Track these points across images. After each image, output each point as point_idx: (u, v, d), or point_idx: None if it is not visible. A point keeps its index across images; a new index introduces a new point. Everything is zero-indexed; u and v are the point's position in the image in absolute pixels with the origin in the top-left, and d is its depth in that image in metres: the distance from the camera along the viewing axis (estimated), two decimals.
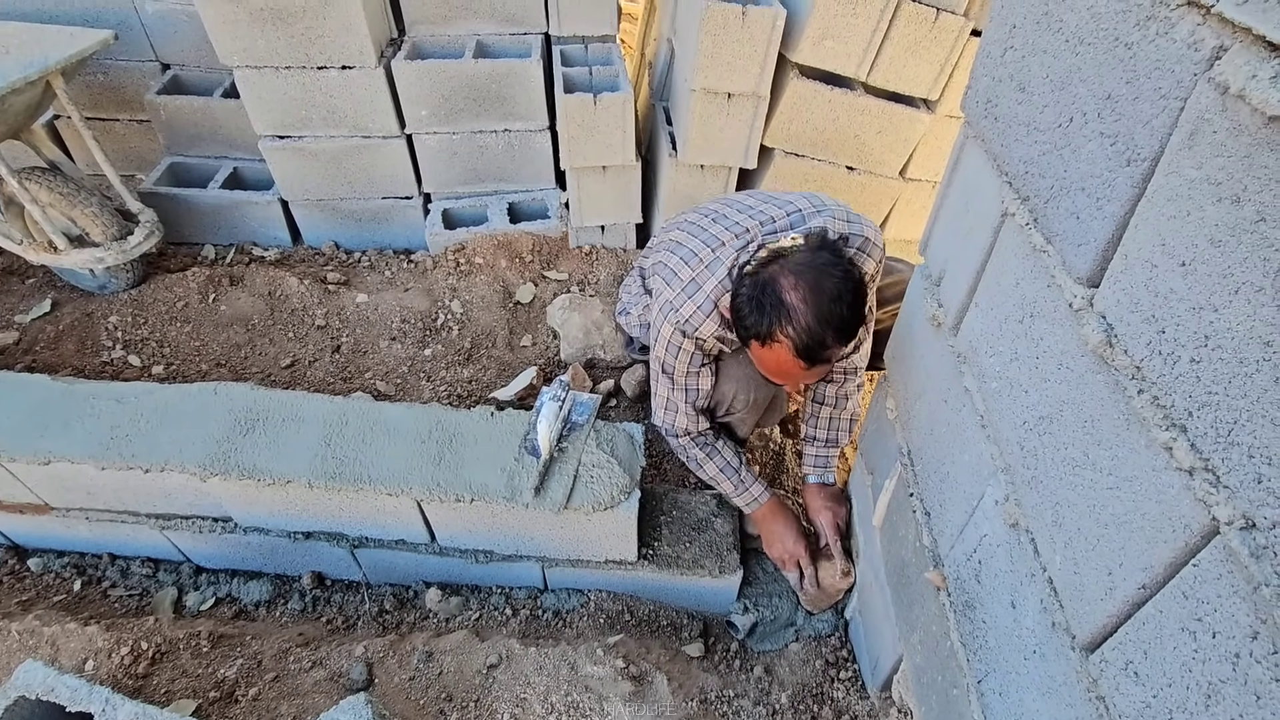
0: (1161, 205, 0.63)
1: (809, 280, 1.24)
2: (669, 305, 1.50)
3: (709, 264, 1.48)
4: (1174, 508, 0.60)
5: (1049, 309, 0.82)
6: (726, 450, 1.70)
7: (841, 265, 1.27)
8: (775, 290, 1.25)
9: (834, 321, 1.23)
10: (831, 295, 1.23)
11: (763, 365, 1.38)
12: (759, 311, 1.26)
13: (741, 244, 1.48)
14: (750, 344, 1.34)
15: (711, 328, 1.48)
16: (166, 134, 2.66)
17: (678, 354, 1.54)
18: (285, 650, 1.65)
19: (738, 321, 1.34)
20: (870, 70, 2.07)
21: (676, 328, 1.50)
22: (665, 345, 1.54)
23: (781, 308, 1.24)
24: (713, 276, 1.46)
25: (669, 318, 1.51)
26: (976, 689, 0.97)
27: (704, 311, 1.47)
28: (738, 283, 1.35)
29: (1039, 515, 0.82)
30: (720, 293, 1.45)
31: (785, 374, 1.36)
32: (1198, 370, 0.58)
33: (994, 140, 0.98)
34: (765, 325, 1.26)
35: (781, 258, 1.29)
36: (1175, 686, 0.59)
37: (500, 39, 2.44)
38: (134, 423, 1.67)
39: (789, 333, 1.24)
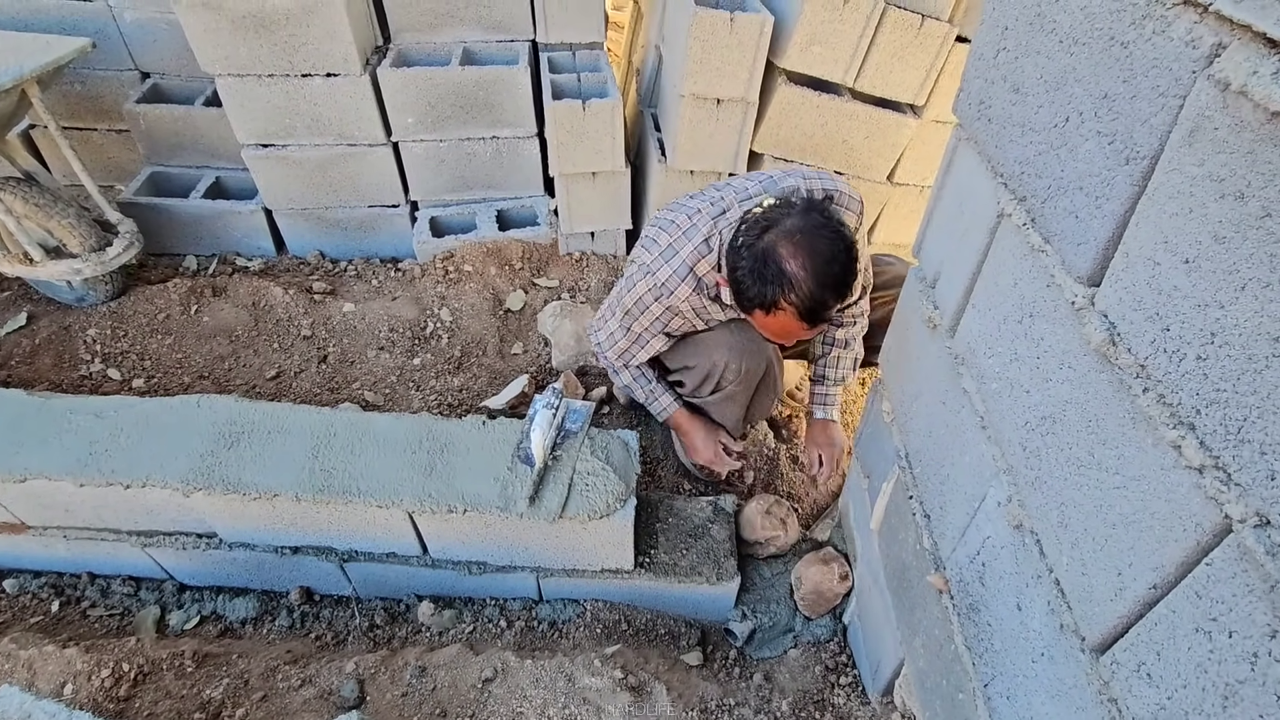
0: (1163, 203, 0.63)
1: (805, 247, 1.28)
2: (646, 268, 1.56)
3: (686, 230, 1.54)
4: (1184, 506, 0.59)
5: (1049, 309, 0.82)
6: (645, 365, 1.81)
7: (831, 226, 1.32)
8: (775, 260, 1.29)
9: (832, 283, 1.29)
10: (827, 258, 1.28)
11: (766, 330, 1.43)
12: (761, 282, 1.31)
13: (718, 211, 1.53)
14: (754, 312, 1.38)
15: (686, 292, 1.54)
16: (146, 143, 2.61)
17: (642, 314, 1.61)
18: (273, 668, 1.61)
19: (740, 293, 1.38)
20: (857, 76, 2.08)
21: (650, 290, 1.56)
22: (635, 301, 1.60)
23: (783, 277, 1.29)
24: (689, 242, 1.52)
25: (645, 279, 1.57)
26: (983, 692, 0.96)
27: (679, 276, 1.52)
28: (734, 255, 1.38)
29: (1044, 516, 0.82)
30: (696, 258, 1.51)
31: (788, 335, 1.41)
32: (1205, 368, 0.58)
33: (988, 142, 0.98)
34: (770, 295, 1.31)
35: (774, 226, 1.32)
36: (1190, 688, 0.59)
37: (487, 46, 2.43)
38: (114, 438, 1.63)
39: (792, 300, 1.29)
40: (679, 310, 1.58)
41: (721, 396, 1.72)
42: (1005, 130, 0.93)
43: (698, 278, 1.53)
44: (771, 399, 1.83)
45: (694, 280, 1.53)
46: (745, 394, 1.75)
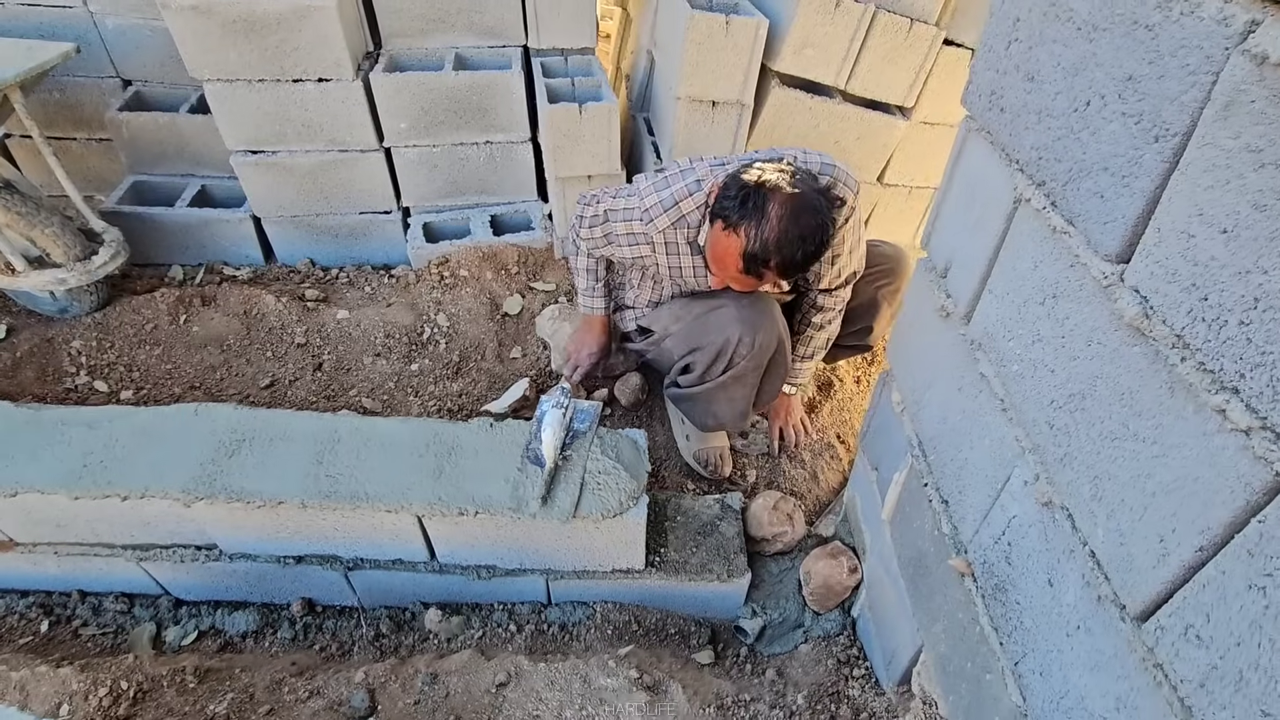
0: (1197, 176, 0.65)
1: (795, 211, 1.35)
2: (638, 192, 1.66)
3: (683, 170, 1.65)
4: (1231, 468, 0.61)
5: (1074, 288, 0.84)
6: (601, 268, 1.92)
7: (825, 214, 1.39)
8: (764, 199, 1.36)
9: (790, 252, 1.37)
10: (803, 232, 1.36)
11: (711, 249, 1.49)
12: (741, 204, 1.38)
13: (718, 164, 1.61)
14: (715, 223, 1.44)
15: (665, 223, 1.61)
16: (129, 152, 2.56)
17: (623, 223, 1.69)
18: (279, 681, 1.57)
19: (719, 200, 1.44)
20: (849, 79, 2.12)
21: (635, 209, 1.65)
22: (620, 212, 1.69)
23: (760, 214, 1.36)
24: (683, 180, 1.62)
25: (635, 199, 1.66)
26: (1013, 671, 0.97)
27: (663, 206, 1.61)
28: (735, 175, 1.44)
29: (1075, 491, 0.84)
30: (684, 194, 1.59)
31: (719, 264, 1.48)
32: (1248, 332, 0.60)
33: (1001, 131, 1.01)
34: (738, 215, 1.38)
35: (786, 177, 1.39)
36: (1245, 645, 0.60)
37: (479, 52, 2.43)
38: (108, 449, 1.59)
39: (752, 234, 1.37)
40: (651, 239, 1.66)
41: (732, 376, 1.72)
42: (1020, 118, 0.95)
43: (681, 213, 1.61)
44: (781, 379, 1.84)
45: (677, 213, 1.61)
46: (756, 374, 1.76)
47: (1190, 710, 0.67)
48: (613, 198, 1.75)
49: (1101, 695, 0.79)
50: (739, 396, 1.79)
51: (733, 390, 1.77)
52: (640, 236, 1.68)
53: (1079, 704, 0.83)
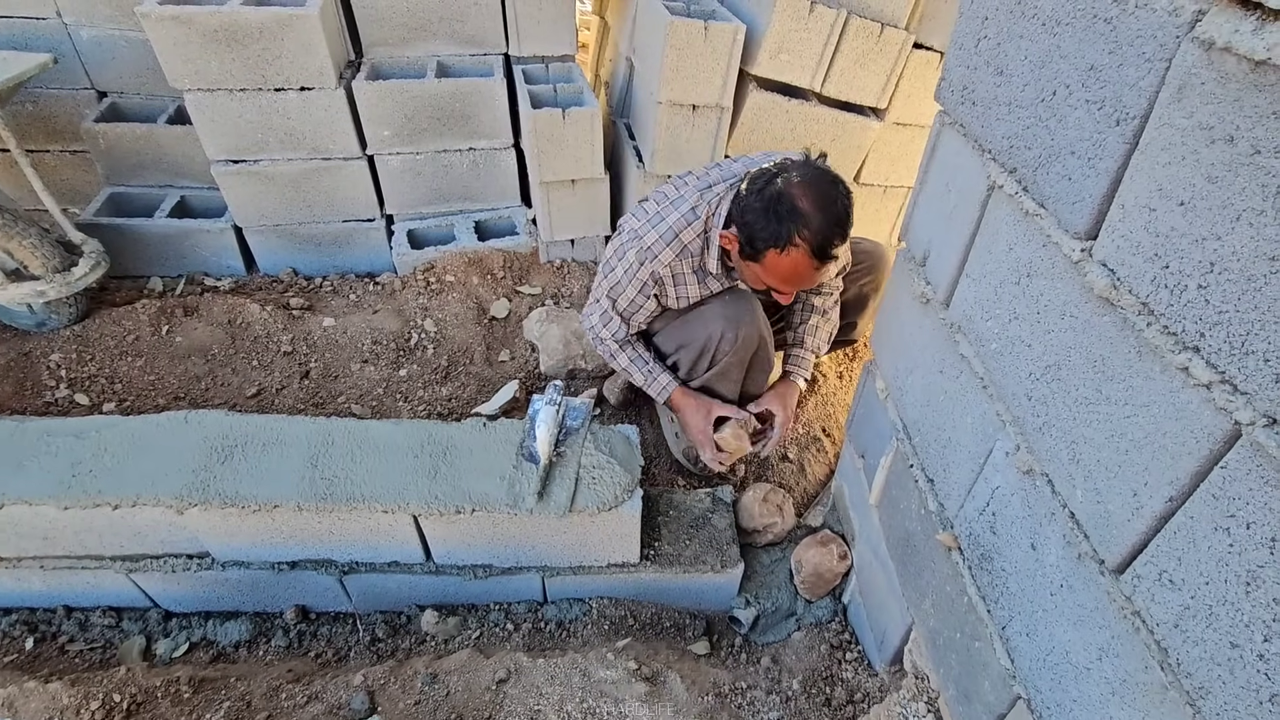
0: (1155, 155, 0.70)
1: (813, 188, 1.40)
2: (634, 234, 1.65)
3: (673, 200, 1.64)
4: (1195, 421, 0.66)
5: (1046, 267, 0.89)
6: (639, 345, 1.84)
7: (831, 174, 1.44)
8: (789, 200, 1.40)
9: (838, 220, 1.41)
10: (832, 198, 1.40)
11: (775, 272, 1.49)
12: (776, 220, 1.41)
13: (704, 185, 1.63)
14: (765, 255, 1.46)
15: (670, 256, 1.62)
16: (106, 163, 2.54)
17: (631, 279, 1.67)
18: (276, 688, 1.56)
19: (751, 237, 1.46)
20: (824, 81, 2.19)
21: (638, 255, 1.64)
22: (625, 269, 1.67)
23: (797, 214, 1.39)
24: (676, 210, 1.61)
25: (632, 244, 1.65)
26: (1001, 636, 1.02)
27: (664, 241, 1.61)
28: (743, 204, 1.47)
29: (1054, 457, 0.88)
30: (682, 225, 1.60)
31: (797, 277, 1.49)
32: (1206, 295, 0.65)
33: (974, 123, 1.07)
34: (785, 232, 1.40)
35: (779, 176, 1.43)
36: (1213, 583, 0.65)
37: (460, 60, 2.46)
38: (97, 458, 1.57)
39: (805, 235, 1.40)
40: (660, 276, 1.66)
41: (717, 373, 1.76)
42: (991, 110, 1.01)
43: (683, 244, 1.63)
44: (765, 374, 1.88)
45: (679, 245, 1.62)
46: (739, 369, 1.80)
47: (1166, 651, 0.71)
48: (605, 280, 1.73)
49: (1084, 647, 0.83)
50: (725, 391, 1.83)
51: (718, 385, 1.81)
52: (650, 280, 1.67)
53: (1064, 659, 0.87)
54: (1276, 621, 0.59)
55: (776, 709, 1.56)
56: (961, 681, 1.15)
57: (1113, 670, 0.79)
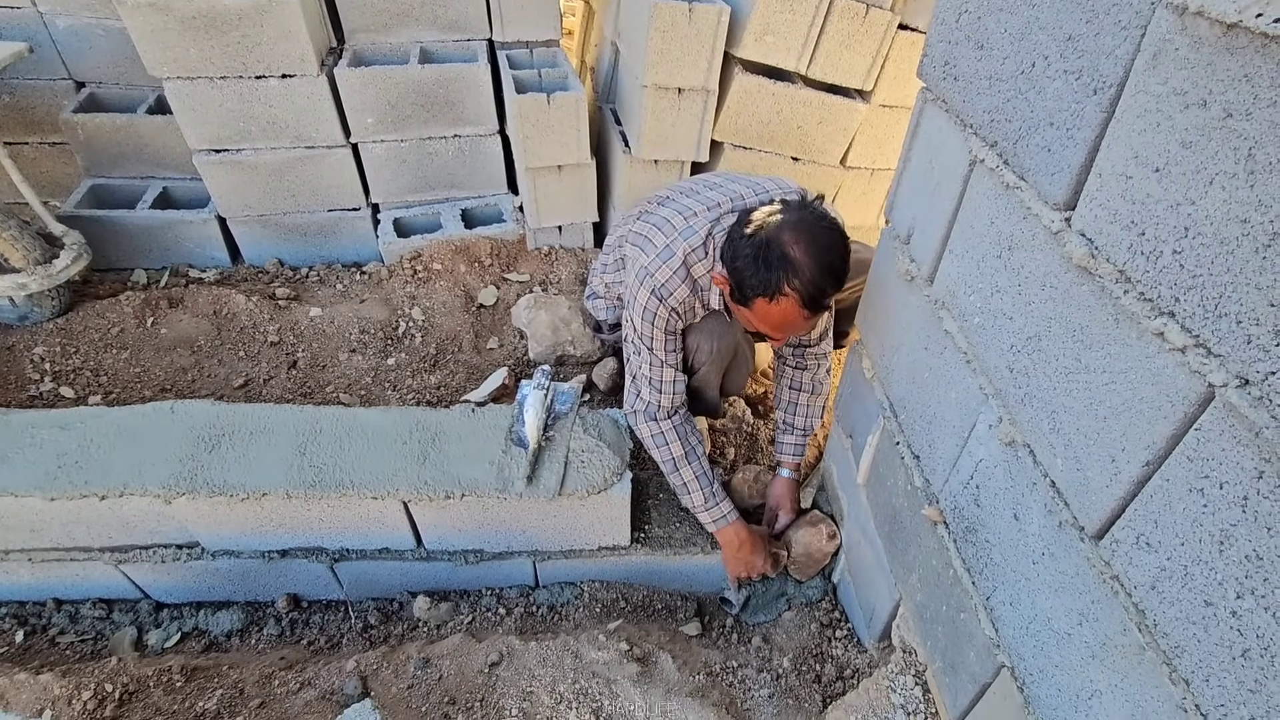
0: (1131, 122, 0.71)
1: (806, 235, 1.33)
2: (645, 271, 1.54)
3: (682, 231, 1.54)
4: (1170, 385, 0.67)
5: (1027, 239, 0.90)
6: (702, 454, 1.67)
7: (827, 219, 1.37)
8: (779, 247, 1.33)
9: (831, 270, 1.33)
10: (827, 246, 1.33)
11: (765, 320, 1.43)
12: (766, 269, 1.33)
13: (714, 216, 1.55)
14: (754, 302, 1.39)
15: (684, 293, 1.54)
16: (85, 154, 2.51)
17: (654, 320, 1.56)
18: (269, 675, 1.57)
19: (741, 283, 1.40)
20: (809, 64, 2.18)
21: (653, 294, 1.53)
22: (642, 313, 1.56)
23: (787, 262, 1.32)
24: (684, 241, 1.53)
25: (645, 283, 1.54)
26: (985, 606, 1.03)
27: (679, 277, 1.52)
28: (734, 247, 1.41)
29: (1035, 427, 0.89)
30: (694, 260, 1.52)
31: (787, 325, 1.42)
32: (1180, 260, 0.66)
33: (955, 98, 1.07)
34: (774, 281, 1.33)
35: (772, 220, 1.37)
36: (1188, 544, 0.66)
37: (444, 45, 2.44)
38: (83, 449, 1.56)
39: (796, 285, 1.32)
40: (679, 311, 1.57)
41: (697, 379, 1.76)
42: (973, 84, 1.01)
43: (694, 280, 1.55)
44: (744, 375, 1.89)
45: (691, 282, 1.55)
46: (717, 375, 1.79)
47: (1143, 612, 0.72)
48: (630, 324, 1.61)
49: (1066, 613, 0.85)
50: (706, 396, 1.84)
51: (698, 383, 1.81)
52: (670, 319, 1.56)
53: (1046, 625, 0.89)
54: (1249, 579, 0.60)
55: (768, 686, 1.57)
56: (948, 653, 1.16)
57: (1092, 634, 0.80)
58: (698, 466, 1.65)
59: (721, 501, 1.67)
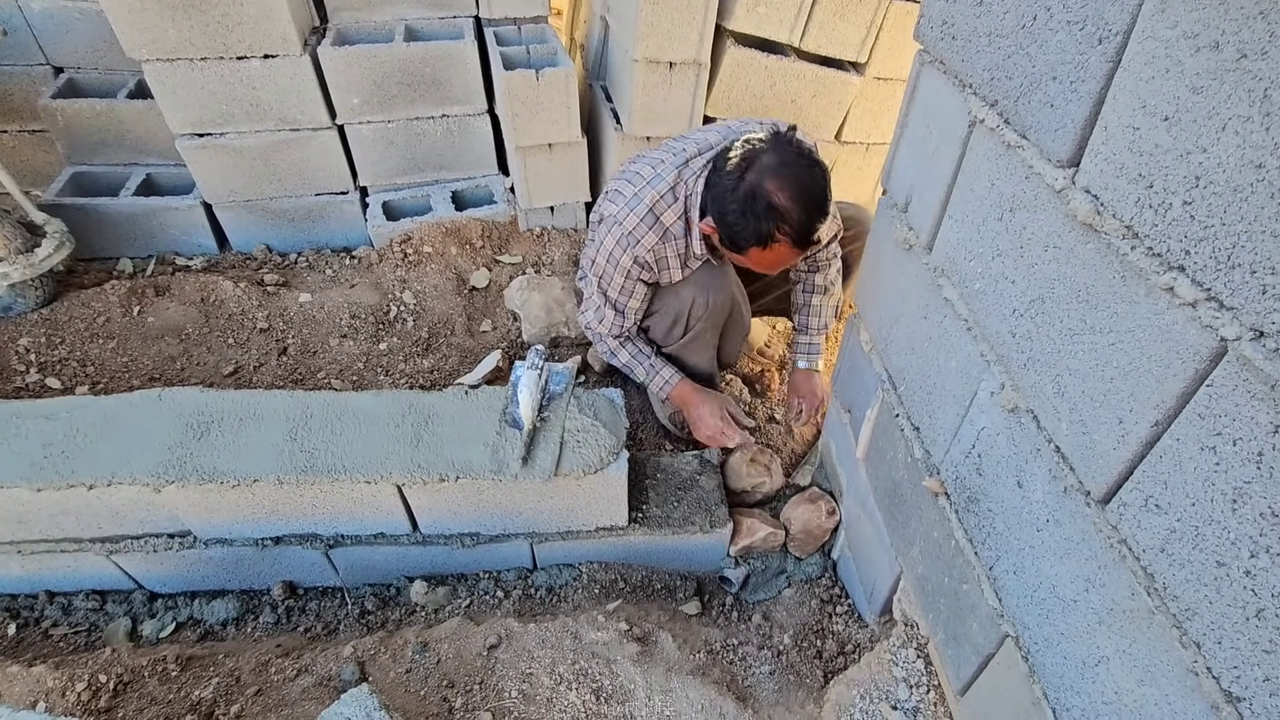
0: (1138, 70, 0.68)
1: (788, 178, 1.36)
2: (614, 219, 1.60)
3: (650, 180, 1.59)
4: (1181, 341, 0.65)
5: (1029, 199, 0.87)
6: (639, 340, 1.82)
7: (805, 155, 1.40)
8: (765, 197, 1.37)
9: (816, 206, 1.38)
10: (808, 185, 1.37)
11: (760, 263, 1.49)
12: (755, 220, 1.38)
13: (680, 161, 1.58)
14: (749, 250, 1.44)
15: (652, 240, 1.58)
16: (66, 141, 2.46)
17: (617, 265, 1.63)
18: (265, 663, 1.55)
19: (733, 236, 1.44)
20: (802, 36, 2.14)
21: (619, 242, 1.59)
22: (607, 258, 1.63)
23: (774, 211, 1.37)
24: (653, 189, 1.57)
25: (613, 231, 1.60)
26: (989, 576, 1.02)
27: (646, 224, 1.57)
28: (720, 202, 1.44)
29: (1038, 392, 0.87)
30: (663, 208, 1.56)
31: (781, 263, 1.49)
32: (1191, 211, 0.63)
33: (954, 58, 1.04)
34: (765, 229, 1.38)
35: (752, 167, 1.39)
36: (1199, 504, 0.64)
37: (429, 23, 2.39)
38: (69, 439, 1.53)
39: (786, 230, 1.38)
40: (644, 261, 1.62)
41: (691, 337, 1.75)
42: (972, 42, 0.98)
43: (664, 227, 1.58)
44: (740, 337, 1.88)
45: (660, 229, 1.58)
46: (714, 334, 1.79)
47: (1152, 576, 0.71)
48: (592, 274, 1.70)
49: (1071, 580, 0.83)
50: (701, 356, 1.83)
51: (694, 350, 1.81)
52: (635, 266, 1.63)
53: (1051, 593, 0.87)
54: (1263, 537, 0.58)
55: (768, 663, 1.56)
56: (950, 625, 1.15)
57: (1099, 600, 0.78)
58: (632, 348, 1.81)
59: (662, 369, 1.81)
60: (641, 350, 1.80)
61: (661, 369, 1.80)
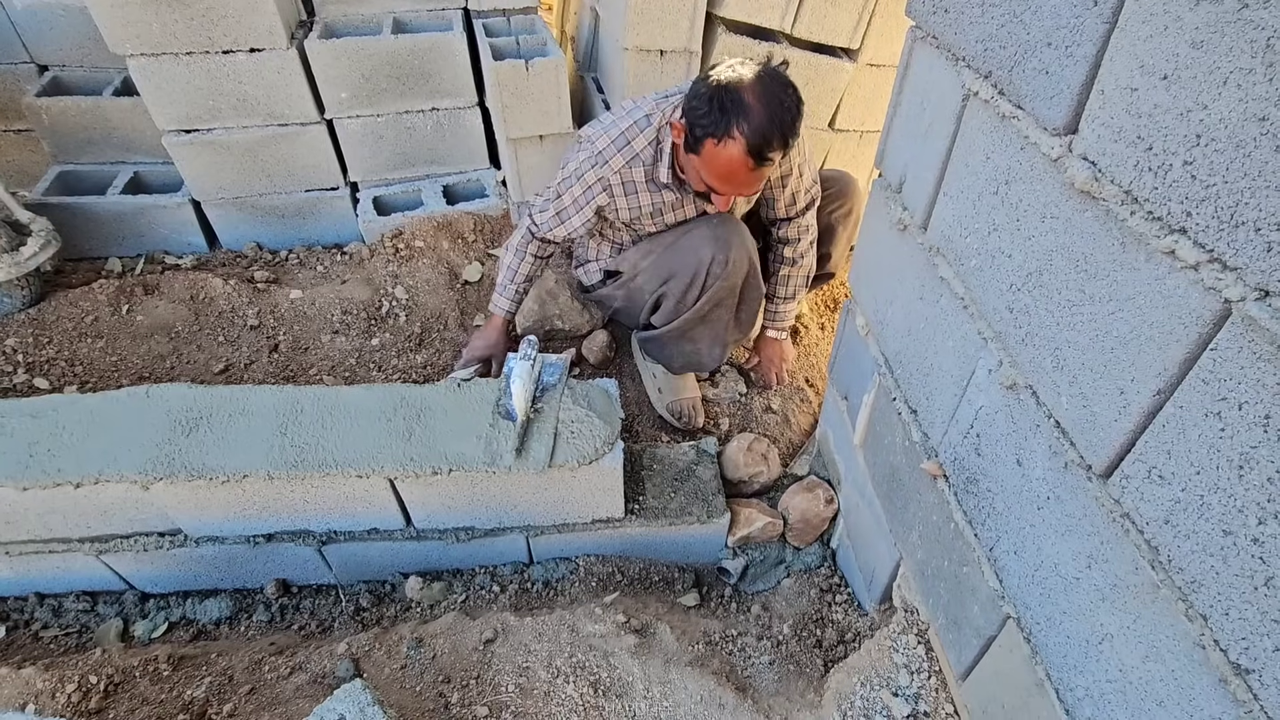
0: (1136, 29, 0.66)
1: (764, 87, 1.39)
2: (587, 139, 1.65)
3: (629, 110, 1.65)
4: (1183, 306, 0.63)
5: (1025, 170, 0.86)
6: (528, 266, 1.87)
7: (787, 81, 1.42)
8: (735, 91, 1.38)
9: (780, 124, 1.38)
10: (780, 100, 1.38)
11: (711, 167, 1.47)
12: (719, 110, 1.39)
13: (662, 96, 1.63)
14: (703, 145, 1.44)
15: (620, 162, 1.62)
16: (52, 140, 2.43)
17: (579, 180, 1.67)
18: (258, 661, 1.53)
19: (693, 124, 1.44)
20: (794, 22, 2.12)
21: (588, 158, 1.63)
22: (575, 169, 1.67)
23: (741, 106, 1.37)
24: (629, 117, 1.62)
25: (584, 148, 1.65)
26: (989, 557, 1.00)
27: (616, 146, 1.61)
28: (693, 94, 1.45)
29: (1037, 367, 0.86)
30: (635, 132, 1.60)
31: (732, 175, 1.46)
32: (1192, 170, 0.62)
33: (947, 31, 1.02)
34: (724, 121, 1.39)
35: (732, 71, 1.42)
36: (1204, 472, 0.62)
37: (417, 15, 2.36)
38: (55, 437, 1.51)
39: (744, 129, 1.38)
40: (609, 182, 1.65)
41: (708, 300, 1.70)
42: (964, 14, 0.96)
43: (634, 151, 1.62)
44: (758, 299, 1.83)
45: (630, 152, 1.62)
46: (732, 297, 1.75)
47: (1156, 549, 0.69)
48: (561, 171, 1.73)
49: (1073, 557, 0.81)
50: (718, 327, 1.79)
51: (711, 320, 1.76)
52: (597, 185, 1.66)
53: (1053, 572, 0.86)
54: (1271, 502, 0.57)
55: (768, 653, 1.55)
56: (951, 609, 1.14)
57: (1102, 576, 0.77)
58: (515, 261, 1.87)
59: (505, 293, 1.90)
60: (518, 271, 1.87)
61: (505, 293, 1.89)
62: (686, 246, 1.68)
